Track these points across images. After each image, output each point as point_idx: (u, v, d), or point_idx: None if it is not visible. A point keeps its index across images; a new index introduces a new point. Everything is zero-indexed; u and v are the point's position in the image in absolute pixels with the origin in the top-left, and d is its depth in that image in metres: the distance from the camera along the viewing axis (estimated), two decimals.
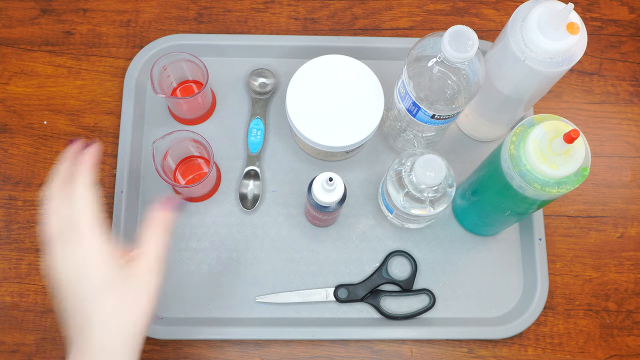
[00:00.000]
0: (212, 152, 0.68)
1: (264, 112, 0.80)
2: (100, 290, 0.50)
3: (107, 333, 0.50)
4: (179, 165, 0.77)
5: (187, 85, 0.80)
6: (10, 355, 0.73)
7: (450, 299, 0.76)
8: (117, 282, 0.51)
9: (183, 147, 0.74)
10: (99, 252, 0.51)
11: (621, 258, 0.79)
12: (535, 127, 0.56)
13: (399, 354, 0.74)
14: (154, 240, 0.54)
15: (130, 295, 0.51)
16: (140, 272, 0.52)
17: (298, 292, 0.74)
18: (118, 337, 0.50)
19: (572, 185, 0.56)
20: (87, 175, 0.53)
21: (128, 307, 0.51)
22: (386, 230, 0.77)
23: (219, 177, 0.78)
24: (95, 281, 0.50)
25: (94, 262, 0.51)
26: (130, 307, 0.51)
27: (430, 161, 0.63)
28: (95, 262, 0.51)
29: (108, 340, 0.50)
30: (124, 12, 0.84)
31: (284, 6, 0.86)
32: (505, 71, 0.65)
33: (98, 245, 0.51)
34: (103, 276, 0.51)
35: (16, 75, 0.82)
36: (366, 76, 0.73)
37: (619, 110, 0.84)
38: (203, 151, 0.73)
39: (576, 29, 0.59)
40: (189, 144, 0.73)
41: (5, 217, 0.77)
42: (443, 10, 0.86)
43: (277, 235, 0.77)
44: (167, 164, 0.73)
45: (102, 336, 0.50)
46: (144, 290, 0.52)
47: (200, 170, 0.77)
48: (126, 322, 0.51)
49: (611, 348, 0.76)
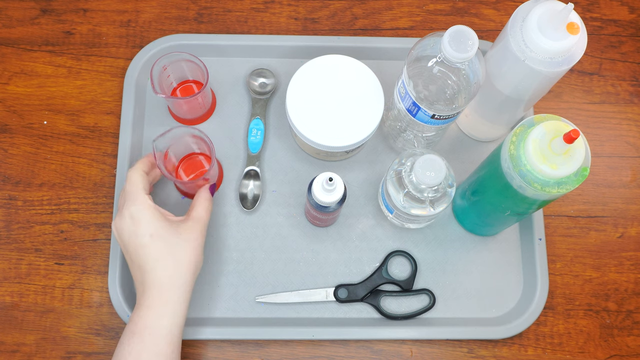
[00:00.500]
0: (213, 148, 0.68)
1: (264, 112, 0.80)
2: (151, 240, 0.61)
3: (159, 274, 0.61)
4: (181, 163, 0.77)
5: (187, 85, 0.80)
6: (10, 355, 0.73)
7: (450, 299, 0.76)
8: (165, 234, 0.62)
9: (184, 144, 0.74)
10: (148, 210, 0.63)
11: (621, 258, 0.79)
12: (535, 127, 0.56)
13: (399, 354, 0.74)
14: (202, 208, 0.67)
15: (177, 245, 0.62)
16: (187, 229, 0.64)
17: (298, 292, 0.75)
18: (169, 278, 0.61)
19: (572, 185, 0.56)
20: (142, 165, 0.67)
21: (175, 254, 0.62)
22: (386, 230, 0.77)
23: (221, 173, 0.78)
24: (146, 232, 0.62)
25: (145, 217, 0.62)
26: (177, 254, 0.62)
27: (430, 161, 0.63)
28: (146, 218, 0.62)
29: (160, 280, 0.61)
30: (124, 12, 0.84)
31: (284, 6, 0.86)
32: (505, 71, 0.65)
33: (148, 205, 0.63)
34: (153, 229, 0.62)
35: (16, 75, 0.82)
36: (366, 76, 0.73)
37: (619, 110, 0.84)
38: (204, 147, 0.73)
39: (576, 29, 0.59)
40: (190, 140, 0.73)
41: (5, 217, 0.77)
42: (443, 10, 0.86)
43: (277, 235, 0.77)
44: (170, 161, 0.73)
45: (156, 277, 0.61)
46: (189, 243, 0.63)
47: (202, 167, 0.77)
48: (174, 266, 0.61)
49: (611, 348, 0.76)
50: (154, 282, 0.61)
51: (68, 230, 0.77)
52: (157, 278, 0.61)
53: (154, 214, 0.63)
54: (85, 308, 0.74)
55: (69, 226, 0.77)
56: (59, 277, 0.75)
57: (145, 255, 0.61)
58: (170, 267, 0.62)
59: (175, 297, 0.61)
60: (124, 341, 0.61)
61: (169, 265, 0.62)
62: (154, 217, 0.63)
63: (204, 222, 0.66)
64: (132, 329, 0.60)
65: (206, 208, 0.67)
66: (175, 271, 0.62)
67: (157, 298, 0.61)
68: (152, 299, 0.61)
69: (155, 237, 0.62)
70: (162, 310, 0.61)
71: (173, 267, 0.62)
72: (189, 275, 0.63)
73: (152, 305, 0.61)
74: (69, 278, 0.75)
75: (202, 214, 0.66)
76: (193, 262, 0.63)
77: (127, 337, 0.60)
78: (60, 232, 0.76)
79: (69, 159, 0.79)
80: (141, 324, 0.60)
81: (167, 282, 0.61)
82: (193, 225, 0.65)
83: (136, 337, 0.60)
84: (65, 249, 0.76)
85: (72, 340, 0.73)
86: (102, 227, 0.77)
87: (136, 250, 0.62)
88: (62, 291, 0.75)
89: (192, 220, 0.65)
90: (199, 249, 0.64)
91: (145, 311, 0.61)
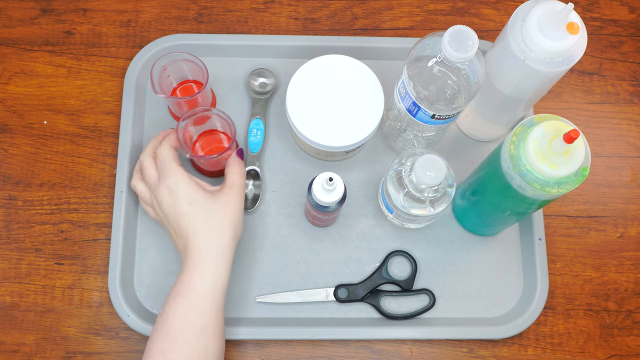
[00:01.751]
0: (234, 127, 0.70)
1: (264, 112, 0.80)
2: (190, 208, 0.64)
3: (200, 240, 0.63)
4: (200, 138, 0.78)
5: (187, 85, 0.80)
6: (10, 355, 0.73)
7: (450, 299, 0.76)
8: (202, 201, 0.65)
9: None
10: (184, 180, 0.65)
11: (621, 258, 0.79)
12: (535, 127, 0.56)
13: (399, 354, 0.74)
14: (235, 174, 0.68)
15: (215, 210, 0.65)
16: (223, 195, 0.66)
17: (298, 292, 0.75)
18: (209, 243, 0.64)
19: (572, 185, 0.56)
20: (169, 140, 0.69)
21: (213, 220, 0.64)
22: (386, 230, 0.77)
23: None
24: (184, 201, 0.64)
25: (182, 187, 0.65)
26: (215, 220, 0.64)
27: (430, 161, 0.63)
28: (183, 188, 0.65)
29: (200, 245, 0.63)
30: (124, 12, 0.84)
31: (284, 6, 0.86)
32: (505, 71, 0.65)
33: (183, 176, 0.65)
34: (191, 197, 0.64)
35: (16, 75, 0.82)
36: (366, 76, 0.73)
37: (619, 110, 0.84)
38: (226, 126, 0.74)
39: (576, 29, 0.59)
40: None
41: (5, 217, 0.77)
42: (443, 10, 0.87)
43: (277, 235, 0.77)
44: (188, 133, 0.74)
45: (197, 243, 0.63)
46: (226, 208, 0.65)
47: (219, 143, 0.78)
48: (213, 231, 0.64)
49: (611, 348, 0.76)
50: (195, 248, 0.63)
51: (68, 230, 0.77)
52: (198, 244, 0.63)
53: (189, 184, 0.65)
54: (85, 308, 0.74)
55: (69, 226, 0.77)
56: (59, 277, 0.75)
57: (185, 223, 0.64)
58: (209, 232, 0.64)
59: (215, 260, 0.63)
60: (169, 300, 0.63)
61: (207, 231, 0.64)
62: (190, 187, 0.65)
63: (239, 186, 0.68)
64: (177, 290, 0.63)
65: (239, 173, 0.68)
66: (215, 236, 0.64)
67: (198, 262, 0.63)
68: (194, 263, 0.63)
69: (193, 205, 0.64)
70: (204, 273, 0.63)
71: (212, 232, 0.64)
72: (228, 239, 0.65)
73: (194, 269, 0.63)
74: (69, 278, 0.75)
75: (237, 179, 0.68)
76: (232, 226, 0.65)
77: (172, 296, 0.63)
78: (60, 232, 0.76)
79: (69, 159, 0.79)
80: (184, 285, 0.63)
81: (206, 247, 0.63)
82: (229, 191, 0.67)
83: (180, 297, 0.62)
84: (65, 249, 0.76)
85: (72, 340, 0.73)
86: (102, 227, 0.77)
87: (176, 219, 0.65)
88: (62, 291, 0.75)
89: (227, 187, 0.67)
90: (236, 212, 0.66)
91: (188, 274, 0.63)
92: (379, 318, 0.75)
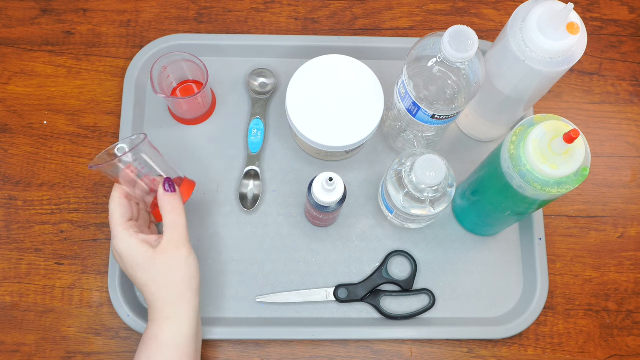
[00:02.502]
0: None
1: (263, 112, 0.80)
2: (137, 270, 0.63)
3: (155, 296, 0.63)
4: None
5: (187, 85, 0.80)
6: (10, 355, 0.73)
7: (450, 299, 0.76)
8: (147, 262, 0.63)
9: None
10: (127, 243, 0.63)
11: (621, 258, 0.79)
12: (535, 127, 0.56)
13: (399, 354, 0.74)
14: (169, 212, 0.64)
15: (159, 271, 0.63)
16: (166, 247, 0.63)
17: (298, 292, 0.74)
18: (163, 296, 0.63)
19: (572, 185, 0.56)
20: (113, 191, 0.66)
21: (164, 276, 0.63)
22: (386, 230, 0.77)
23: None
24: (129, 266, 0.63)
25: (126, 251, 0.63)
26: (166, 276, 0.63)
27: (430, 161, 0.63)
28: (126, 252, 0.63)
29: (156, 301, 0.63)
30: (124, 12, 0.84)
31: (284, 6, 0.86)
32: (505, 71, 0.65)
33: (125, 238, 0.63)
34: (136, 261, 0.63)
35: (16, 75, 0.82)
36: (366, 76, 0.73)
37: (619, 110, 0.84)
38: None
39: (576, 29, 0.59)
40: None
41: (5, 217, 0.77)
42: (443, 10, 0.86)
43: (277, 235, 0.77)
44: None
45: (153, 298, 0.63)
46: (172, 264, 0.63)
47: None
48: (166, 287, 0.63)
49: (611, 348, 0.76)
50: (151, 301, 0.63)
51: (68, 230, 0.77)
52: (154, 299, 0.63)
53: (132, 248, 0.63)
54: (85, 308, 0.74)
55: (69, 226, 0.77)
56: (59, 277, 0.75)
57: (138, 281, 0.64)
58: (160, 288, 0.63)
59: (172, 312, 0.63)
60: (139, 348, 0.64)
61: (160, 288, 0.63)
62: (133, 250, 0.63)
63: (179, 228, 0.63)
64: (144, 338, 0.64)
65: (171, 211, 0.63)
66: (166, 290, 0.63)
67: (158, 313, 0.63)
68: (154, 314, 0.63)
69: (137, 270, 0.63)
70: (164, 325, 0.63)
71: (165, 288, 0.63)
72: (185, 290, 0.63)
73: (155, 319, 0.63)
74: (69, 278, 0.75)
75: (172, 219, 0.63)
76: (185, 278, 0.63)
77: (141, 344, 0.64)
78: (60, 232, 0.76)
79: (69, 159, 0.79)
80: (149, 334, 0.63)
81: (161, 302, 0.63)
82: (170, 239, 0.63)
83: (145, 347, 0.63)
84: (65, 249, 0.76)
85: (72, 340, 0.73)
86: (102, 227, 0.77)
87: (131, 277, 0.65)
88: (62, 291, 0.75)
89: (167, 233, 0.63)
90: (182, 265, 0.63)
91: (150, 324, 0.64)
92: (379, 318, 0.75)
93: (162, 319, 0.63)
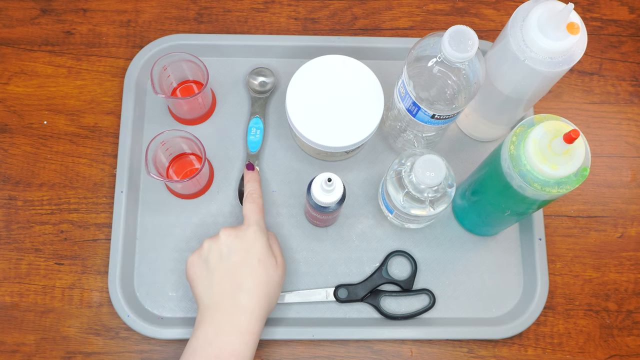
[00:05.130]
0: (203, 149, 0.69)
1: (263, 111, 0.80)
2: (255, 265, 0.65)
3: (253, 299, 0.64)
4: (172, 163, 0.77)
5: (187, 85, 0.80)
6: (10, 355, 0.73)
7: (450, 299, 0.76)
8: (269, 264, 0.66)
9: (176, 145, 0.74)
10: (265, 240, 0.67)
11: (621, 258, 0.79)
12: (535, 127, 0.56)
13: (399, 354, 0.74)
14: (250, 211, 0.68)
15: (274, 275, 0.66)
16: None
17: (298, 292, 0.74)
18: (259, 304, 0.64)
19: (572, 185, 0.56)
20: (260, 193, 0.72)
21: (271, 284, 0.66)
22: (386, 230, 0.77)
23: (212, 174, 0.78)
24: (253, 257, 0.65)
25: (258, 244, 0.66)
26: (271, 284, 0.66)
27: (430, 161, 0.63)
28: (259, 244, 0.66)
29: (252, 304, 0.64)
30: (124, 12, 0.84)
31: (284, 6, 0.86)
32: (505, 71, 0.65)
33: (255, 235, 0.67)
34: (261, 254, 0.65)
35: (16, 75, 0.82)
36: (366, 76, 0.73)
37: (619, 110, 0.84)
38: (195, 148, 0.73)
39: (576, 29, 0.59)
40: (181, 141, 0.74)
41: (5, 217, 0.77)
42: (443, 10, 0.86)
43: (277, 235, 0.76)
44: (160, 161, 0.73)
45: (249, 301, 0.64)
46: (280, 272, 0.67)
47: (192, 166, 0.77)
48: (265, 295, 0.65)
49: (611, 348, 0.76)
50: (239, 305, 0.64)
51: (68, 230, 0.77)
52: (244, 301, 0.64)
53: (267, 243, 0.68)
54: (85, 308, 0.74)
55: (69, 226, 0.77)
56: (59, 277, 0.75)
57: (240, 279, 0.65)
58: (259, 296, 0.65)
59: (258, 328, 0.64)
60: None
61: (258, 294, 0.65)
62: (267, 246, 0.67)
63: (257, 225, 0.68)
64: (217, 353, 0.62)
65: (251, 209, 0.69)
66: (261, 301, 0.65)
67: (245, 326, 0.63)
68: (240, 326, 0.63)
69: (256, 265, 0.66)
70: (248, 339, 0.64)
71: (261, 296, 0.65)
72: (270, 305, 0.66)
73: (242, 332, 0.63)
74: (69, 278, 0.75)
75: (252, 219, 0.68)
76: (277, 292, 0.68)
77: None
78: (60, 232, 0.76)
79: (69, 159, 0.79)
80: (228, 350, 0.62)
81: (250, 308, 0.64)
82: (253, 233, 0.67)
83: None
84: (65, 249, 0.76)
85: (72, 340, 0.73)
86: (102, 227, 0.77)
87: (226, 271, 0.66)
88: (62, 291, 0.75)
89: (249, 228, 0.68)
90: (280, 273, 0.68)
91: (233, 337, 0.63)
92: (379, 318, 0.75)
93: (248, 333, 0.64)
